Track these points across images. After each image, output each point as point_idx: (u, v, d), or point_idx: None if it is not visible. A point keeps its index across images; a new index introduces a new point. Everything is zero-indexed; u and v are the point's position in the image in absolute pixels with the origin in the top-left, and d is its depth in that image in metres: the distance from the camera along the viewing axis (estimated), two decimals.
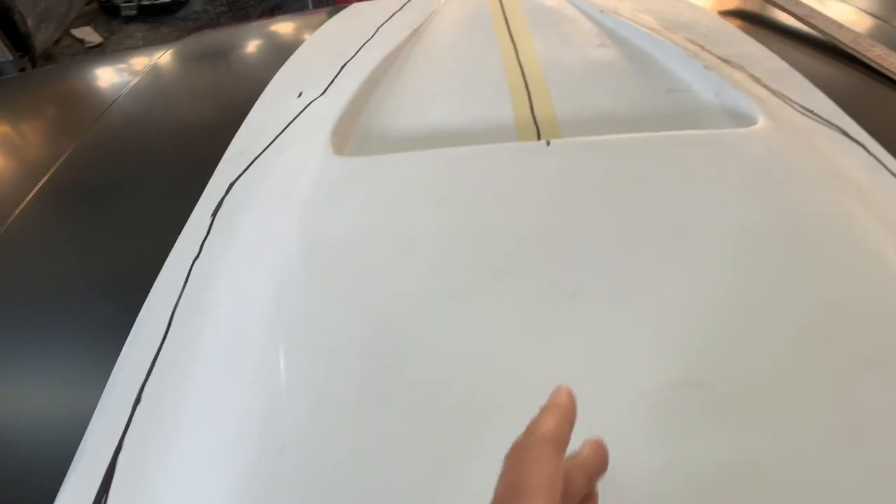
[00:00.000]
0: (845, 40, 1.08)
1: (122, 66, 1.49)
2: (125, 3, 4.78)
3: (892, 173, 0.78)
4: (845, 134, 0.84)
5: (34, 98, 1.41)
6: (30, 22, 3.56)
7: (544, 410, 0.38)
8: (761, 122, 0.80)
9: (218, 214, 0.80)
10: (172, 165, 1.00)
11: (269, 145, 0.91)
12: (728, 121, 0.84)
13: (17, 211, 0.94)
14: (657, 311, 0.58)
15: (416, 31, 1.16)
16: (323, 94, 1.00)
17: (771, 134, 0.78)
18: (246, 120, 1.01)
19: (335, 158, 0.80)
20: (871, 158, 0.80)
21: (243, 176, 0.85)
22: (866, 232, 0.66)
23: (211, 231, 0.78)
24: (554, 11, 1.21)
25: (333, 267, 0.65)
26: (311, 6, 4.17)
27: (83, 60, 1.80)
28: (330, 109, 0.92)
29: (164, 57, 1.41)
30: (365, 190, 0.74)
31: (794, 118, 0.85)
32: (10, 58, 3.48)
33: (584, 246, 0.64)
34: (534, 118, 0.86)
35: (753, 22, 1.24)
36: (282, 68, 1.15)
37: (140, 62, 1.45)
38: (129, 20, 4.78)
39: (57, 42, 4.18)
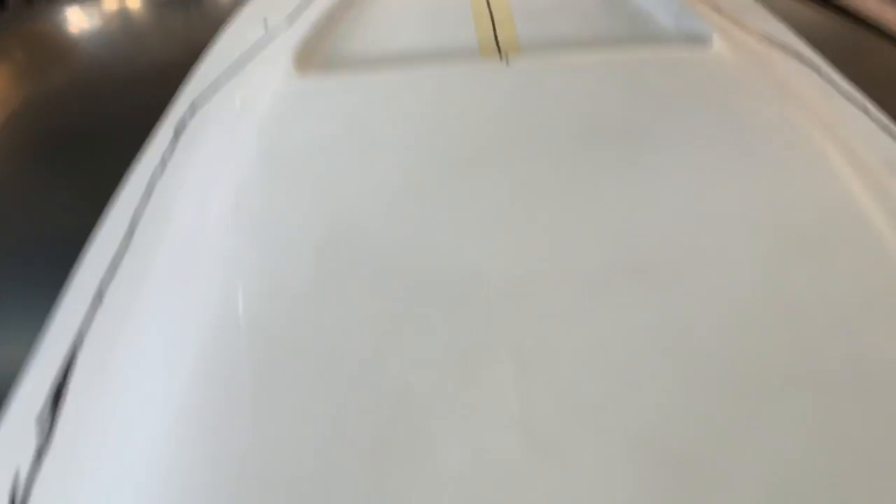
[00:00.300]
0: None
1: (91, 8, 1.47)
2: None
3: (844, 96, 0.80)
4: (800, 58, 0.86)
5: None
6: None
7: None
8: (717, 44, 0.81)
9: (182, 133, 0.81)
10: (137, 105, 1.00)
11: (232, 67, 0.91)
12: (686, 45, 0.86)
13: None
14: (604, 207, 0.59)
15: None
16: (289, 20, 1.00)
17: (725, 55, 0.79)
18: (213, 45, 1.01)
19: (298, 78, 0.80)
20: (824, 81, 0.82)
21: (206, 96, 0.86)
22: (813, 145, 0.68)
23: (175, 148, 0.79)
24: None
25: (292, 171, 0.66)
26: None
27: (50, 4, 1.77)
28: (295, 33, 0.93)
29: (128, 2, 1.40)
30: (326, 106, 0.75)
31: (750, 42, 0.87)
32: None
33: (538, 151, 0.66)
34: (496, 41, 0.87)
35: None
36: (246, 3, 1.15)
37: (109, 2, 1.44)
38: None
39: None
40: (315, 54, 0.89)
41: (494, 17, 0.93)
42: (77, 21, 1.47)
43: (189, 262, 0.61)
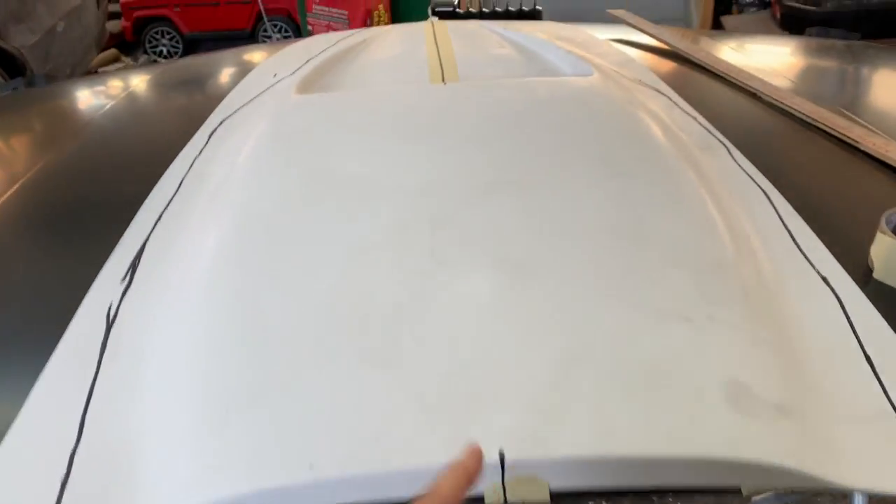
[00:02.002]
0: (680, 46, 1.46)
1: (101, 88, 1.72)
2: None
3: (683, 109, 1.13)
4: (658, 91, 1.20)
5: (10, 118, 1.57)
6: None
7: (448, 471, 0.41)
8: (595, 74, 1.15)
9: (214, 134, 1.13)
10: (143, 181, 1.05)
11: (250, 101, 1.24)
12: (573, 74, 1.20)
13: None
14: (501, 157, 0.90)
15: (365, 40, 1.53)
16: (293, 74, 1.35)
17: (599, 82, 1.13)
18: (230, 92, 1.35)
19: (298, 97, 1.14)
20: (671, 103, 1.16)
21: (227, 121, 1.18)
22: (654, 136, 1.00)
23: (206, 146, 1.10)
24: (473, 31, 1.59)
25: (291, 145, 0.98)
26: None
27: (63, 84, 1.95)
28: (297, 78, 1.27)
29: (141, 81, 1.72)
30: (321, 111, 1.07)
31: (623, 79, 1.21)
32: None
33: (463, 139, 0.96)
34: (443, 79, 1.22)
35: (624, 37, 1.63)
36: (262, 63, 1.50)
37: (118, 85, 1.68)
38: None
39: None
40: (311, 86, 1.23)
41: (443, 64, 1.28)
42: (93, 97, 1.69)
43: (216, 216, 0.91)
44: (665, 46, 1.56)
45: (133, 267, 0.84)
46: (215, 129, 1.16)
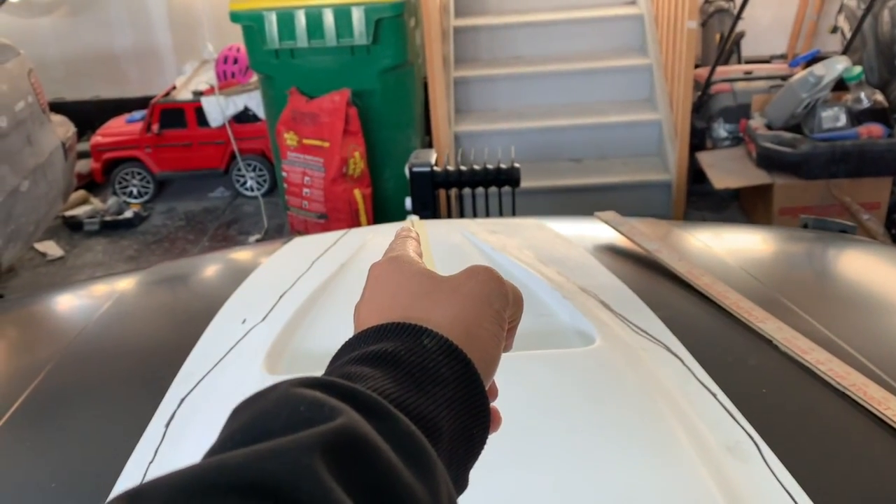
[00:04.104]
0: (682, 270, 1.37)
1: (87, 294, 1.70)
2: (88, 219, 5.10)
3: (700, 381, 1.02)
4: (668, 349, 1.09)
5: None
6: None
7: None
8: (598, 342, 1.05)
9: (170, 425, 0.99)
10: (136, 386, 1.18)
11: (215, 366, 1.11)
12: (576, 339, 1.09)
13: None
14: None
15: (342, 265, 1.42)
16: (263, 320, 1.23)
17: (604, 352, 1.02)
18: (198, 343, 1.21)
19: (268, 377, 1.00)
20: (685, 369, 1.04)
21: (192, 393, 1.05)
22: (669, 433, 0.89)
23: (164, 439, 0.96)
24: (456, 247, 1.49)
25: None
26: (265, 223, 4.55)
27: (51, 290, 1.96)
28: (267, 335, 1.15)
29: (128, 286, 1.63)
30: None
31: (628, 337, 1.10)
32: None
33: None
34: None
35: (613, 253, 1.54)
36: (231, 297, 1.38)
37: (104, 290, 1.66)
38: (90, 234, 5.08)
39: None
40: (283, 354, 1.10)
41: None
42: (75, 305, 1.69)
43: None
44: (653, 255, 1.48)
45: None
46: (173, 415, 1.02)
